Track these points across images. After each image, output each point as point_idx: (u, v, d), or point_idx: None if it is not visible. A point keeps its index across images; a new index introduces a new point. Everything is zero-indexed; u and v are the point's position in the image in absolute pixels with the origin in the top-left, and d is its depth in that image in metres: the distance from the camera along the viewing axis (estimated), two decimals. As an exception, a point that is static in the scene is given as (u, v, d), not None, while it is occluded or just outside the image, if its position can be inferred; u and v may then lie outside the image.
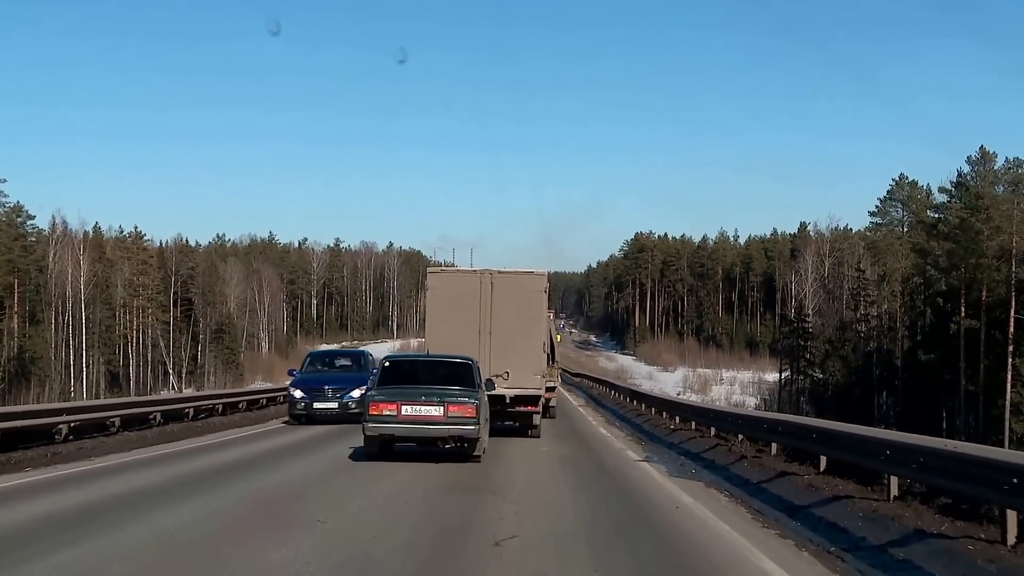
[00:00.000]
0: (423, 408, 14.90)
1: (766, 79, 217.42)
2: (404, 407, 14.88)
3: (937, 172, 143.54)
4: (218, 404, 26.51)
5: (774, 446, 14.95)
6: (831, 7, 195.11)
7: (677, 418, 23.81)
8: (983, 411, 57.45)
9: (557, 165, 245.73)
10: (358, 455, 16.00)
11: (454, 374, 15.97)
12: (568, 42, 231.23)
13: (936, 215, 68.85)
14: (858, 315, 78.13)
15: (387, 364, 16.70)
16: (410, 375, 16.53)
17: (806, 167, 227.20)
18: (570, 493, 12.89)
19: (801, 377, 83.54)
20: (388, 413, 14.92)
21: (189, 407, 24.28)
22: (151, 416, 21.76)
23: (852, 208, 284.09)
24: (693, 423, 21.49)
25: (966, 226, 61.01)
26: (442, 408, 14.88)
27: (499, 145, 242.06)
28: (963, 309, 60.68)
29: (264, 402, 30.68)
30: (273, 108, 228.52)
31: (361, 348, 43.49)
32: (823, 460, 12.57)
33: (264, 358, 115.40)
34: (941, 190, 67.81)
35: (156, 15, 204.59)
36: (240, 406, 28.31)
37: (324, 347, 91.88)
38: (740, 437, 17.12)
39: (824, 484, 11.69)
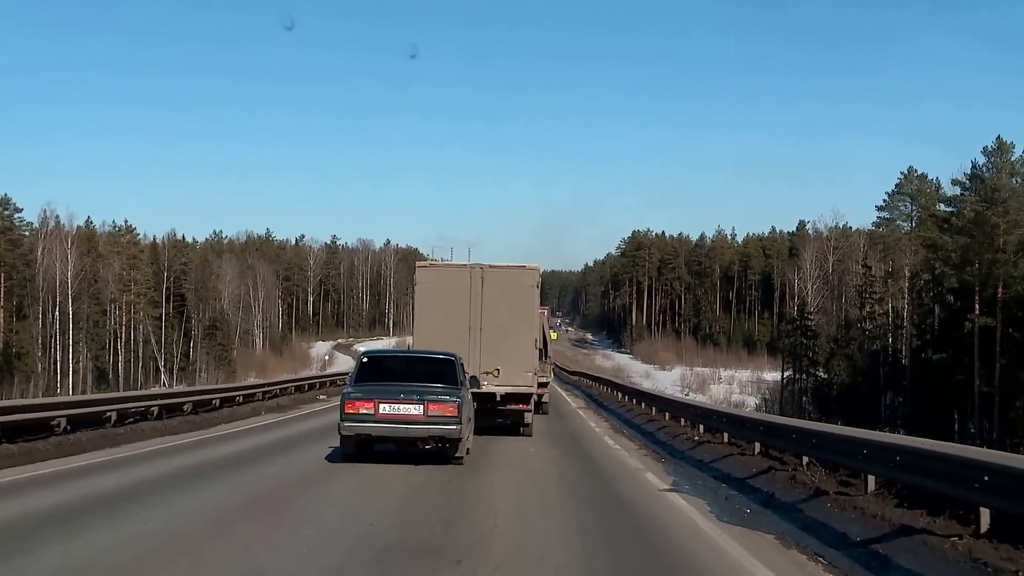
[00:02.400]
0: (402, 407, 13.60)
1: (764, 79, 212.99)
2: (382, 405, 13.59)
3: (936, 171, 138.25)
4: (153, 406, 21.63)
5: (871, 479, 10.01)
6: (830, 7, 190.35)
7: (701, 427, 18.90)
8: (999, 414, 53.34)
9: (555, 164, 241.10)
10: (335, 457, 14.50)
11: (436, 371, 14.66)
12: (567, 43, 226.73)
13: (949, 208, 64.20)
14: (863, 313, 73.43)
15: (365, 360, 15.24)
16: (389, 372, 15.17)
17: (805, 166, 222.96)
18: (576, 559, 8.03)
19: (804, 376, 79.07)
20: (365, 412, 13.63)
21: (109, 411, 19.39)
22: (53, 422, 17.04)
23: (851, 208, 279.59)
24: (726, 435, 16.57)
25: (981, 219, 56.72)
26: (422, 407, 13.58)
27: (498, 144, 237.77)
28: (978, 306, 56.25)
29: (218, 403, 25.76)
30: (273, 107, 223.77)
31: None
32: (985, 515, 7.64)
33: (258, 355, 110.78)
34: (955, 182, 63.09)
35: (157, 16, 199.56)
36: (185, 407, 23.45)
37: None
38: (805, 460, 12.18)
39: (1001, 557, 6.83)
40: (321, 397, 34.36)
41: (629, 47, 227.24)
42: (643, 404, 28.42)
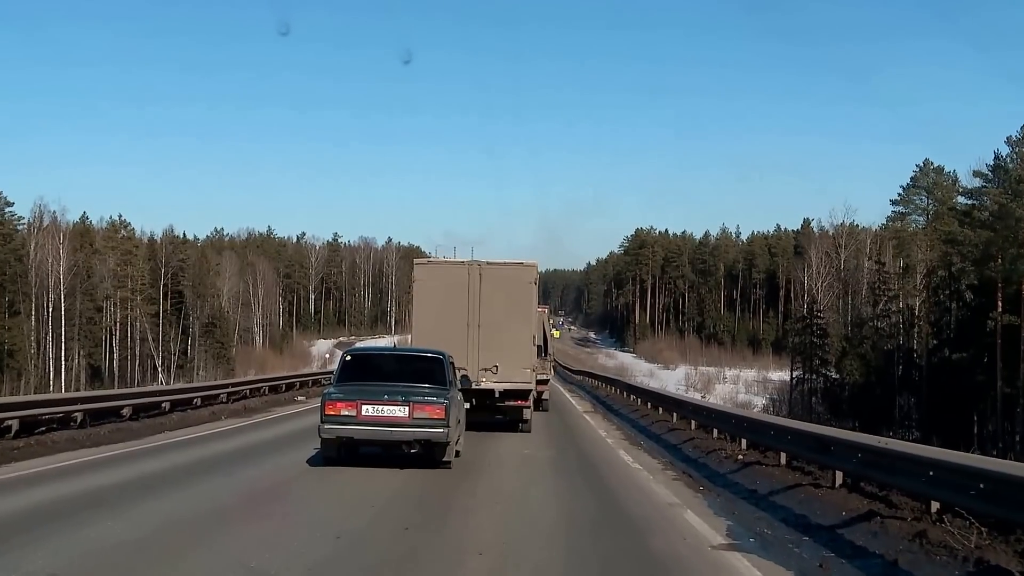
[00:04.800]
0: (386, 408, 12.62)
1: (766, 79, 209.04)
2: (364, 407, 12.62)
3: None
4: (76, 412, 17.67)
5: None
6: (832, 10, 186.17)
7: (743, 441, 14.77)
8: (1023, 415, 49.78)
9: (559, 163, 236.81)
10: (316, 461, 13.63)
11: (423, 370, 13.60)
12: (571, 42, 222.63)
13: (971, 201, 60.21)
14: (877, 311, 69.35)
15: (348, 358, 14.29)
16: (374, 371, 14.02)
17: (810, 165, 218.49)
18: None
19: (813, 377, 75.07)
20: (347, 413, 12.65)
21: (8, 419, 15.42)
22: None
23: (857, 206, 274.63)
24: (783, 455, 12.44)
25: (1005, 212, 52.96)
26: (407, 408, 12.59)
27: (501, 143, 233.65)
28: (1000, 303, 52.49)
29: (167, 406, 21.69)
30: (275, 105, 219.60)
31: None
32: None
33: (257, 353, 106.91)
34: (976, 174, 58.99)
35: (159, 14, 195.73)
36: (123, 412, 19.50)
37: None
38: (936, 506, 8.03)
39: None
40: (299, 398, 30.26)
41: (632, 46, 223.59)
42: (660, 409, 24.16)
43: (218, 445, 16.56)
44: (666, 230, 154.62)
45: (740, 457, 13.97)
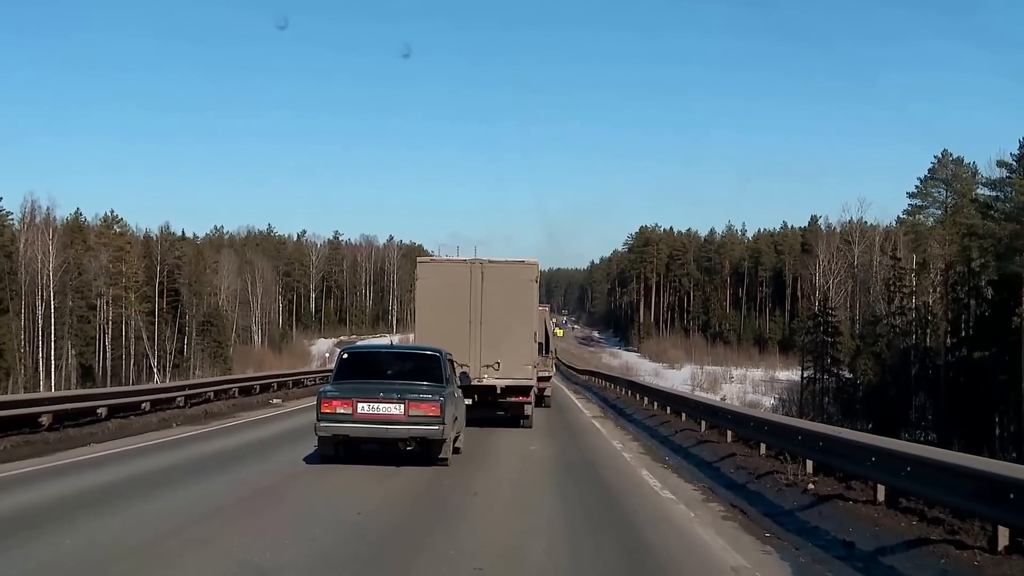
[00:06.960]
0: (381, 406, 12.35)
1: (772, 78, 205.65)
2: (360, 405, 12.34)
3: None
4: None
5: None
6: (834, 11, 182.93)
7: (809, 463, 11.12)
8: (1049, 417, 46.51)
9: (563, 162, 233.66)
10: (313, 458, 13.15)
11: (420, 368, 13.43)
12: (574, 44, 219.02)
13: (993, 192, 56.80)
14: (892, 308, 65.85)
15: (345, 356, 13.97)
16: (371, 369, 13.72)
17: (814, 165, 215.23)
18: None
19: (825, 376, 71.61)
20: (342, 411, 12.37)
21: None
22: None
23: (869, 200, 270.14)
24: (881, 488, 8.81)
25: (1030, 204, 49.63)
26: (403, 406, 12.30)
27: (505, 143, 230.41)
28: (1024, 300, 49.04)
29: (104, 413, 18.22)
30: (276, 106, 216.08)
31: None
32: None
33: (256, 351, 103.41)
34: (999, 164, 55.52)
35: (159, 16, 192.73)
36: (41, 420, 16.08)
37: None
38: None
39: None
40: (274, 401, 26.73)
41: (637, 46, 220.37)
42: (683, 415, 20.48)
43: (136, 465, 13.03)
44: (671, 228, 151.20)
45: (810, 487, 10.35)
